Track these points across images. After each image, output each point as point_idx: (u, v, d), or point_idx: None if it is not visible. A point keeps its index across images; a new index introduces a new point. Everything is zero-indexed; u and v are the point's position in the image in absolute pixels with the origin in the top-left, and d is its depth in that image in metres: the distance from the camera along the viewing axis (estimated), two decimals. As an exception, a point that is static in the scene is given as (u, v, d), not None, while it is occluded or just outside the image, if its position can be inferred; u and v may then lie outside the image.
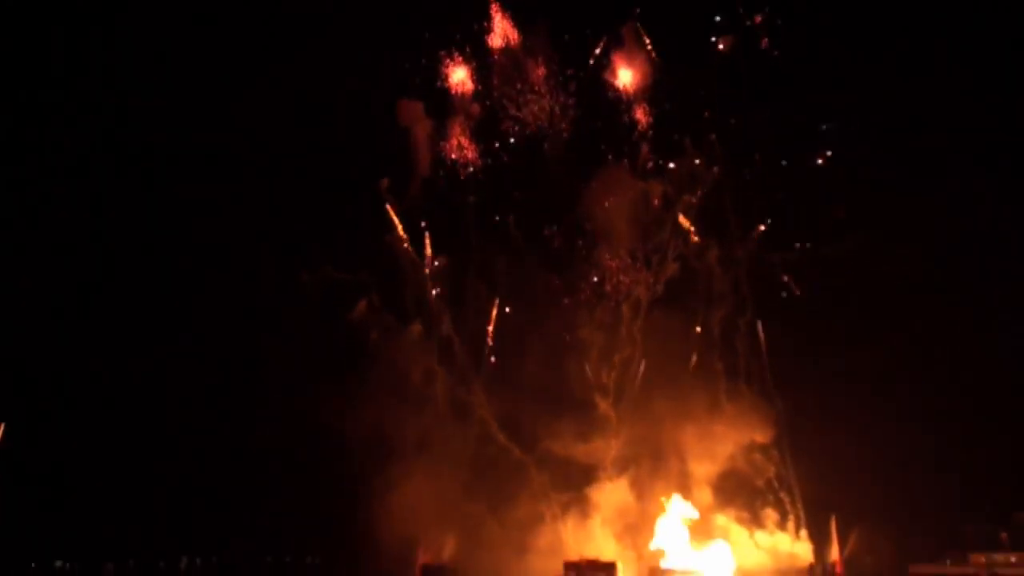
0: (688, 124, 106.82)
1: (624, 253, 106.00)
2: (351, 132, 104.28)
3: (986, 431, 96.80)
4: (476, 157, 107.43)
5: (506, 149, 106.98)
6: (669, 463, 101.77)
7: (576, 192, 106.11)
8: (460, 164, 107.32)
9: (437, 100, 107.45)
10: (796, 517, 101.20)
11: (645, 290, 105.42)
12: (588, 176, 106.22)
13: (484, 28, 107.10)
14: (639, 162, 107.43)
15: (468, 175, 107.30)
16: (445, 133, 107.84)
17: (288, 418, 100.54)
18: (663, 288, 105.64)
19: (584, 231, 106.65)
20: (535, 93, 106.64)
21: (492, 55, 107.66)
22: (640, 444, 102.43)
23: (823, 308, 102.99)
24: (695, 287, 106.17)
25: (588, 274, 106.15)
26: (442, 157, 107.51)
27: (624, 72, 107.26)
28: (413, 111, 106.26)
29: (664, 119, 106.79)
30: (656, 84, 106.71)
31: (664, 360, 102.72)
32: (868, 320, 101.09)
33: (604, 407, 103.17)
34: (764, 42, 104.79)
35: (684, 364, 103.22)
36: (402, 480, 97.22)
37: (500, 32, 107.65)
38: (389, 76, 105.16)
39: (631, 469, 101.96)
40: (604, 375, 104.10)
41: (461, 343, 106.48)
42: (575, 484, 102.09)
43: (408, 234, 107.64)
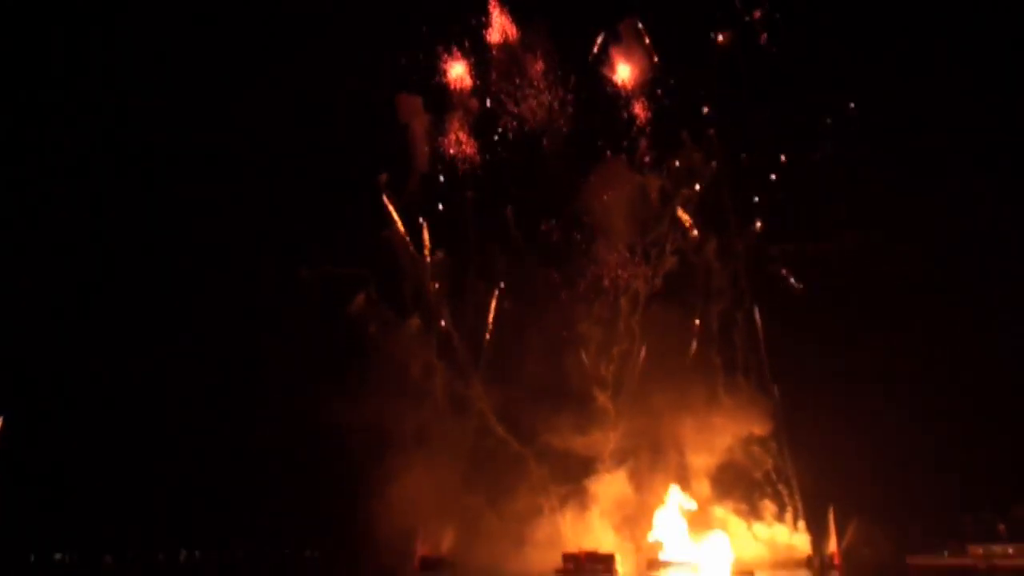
0: (687, 119, 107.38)
1: (623, 247, 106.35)
2: (350, 128, 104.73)
3: (984, 424, 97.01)
4: (475, 152, 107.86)
5: (505, 144, 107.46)
6: (668, 455, 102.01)
7: (575, 187, 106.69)
8: (459, 159, 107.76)
9: (436, 96, 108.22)
10: (794, 509, 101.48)
11: (643, 284, 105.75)
12: (587, 171, 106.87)
13: (483, 23, 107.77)
14: (637, 157, 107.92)
15: (466, 170, 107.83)
16: (444, 128, 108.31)
17: (287, 413, 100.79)
18: (661, 282, 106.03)
19: (583, 225, 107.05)
20: (534, 88, 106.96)
21: (491, 51, 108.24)
22: (638, 437, 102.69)
23: (821, 302, 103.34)
24: (693, 281, 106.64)
25: (587, 268, 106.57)
26: (441, 152, 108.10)
27: (623, 67, 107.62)
28: (412, 106, 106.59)
29: (662, 114, 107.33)
30: (654, 79, 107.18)
31: (663, 353, 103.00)
32: (866, 314, 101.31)
33: (602, 400, 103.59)
34: (763, 38, 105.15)
35: (682, 357, 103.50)
36: (401, 473, 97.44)
37: (499, 28, 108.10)
38: (388, 72, 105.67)
39: (629, 461, 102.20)
40: (603, 368, 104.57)
41: (460, 337, 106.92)
42: (574, 476, 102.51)
43: (407, 229, 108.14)
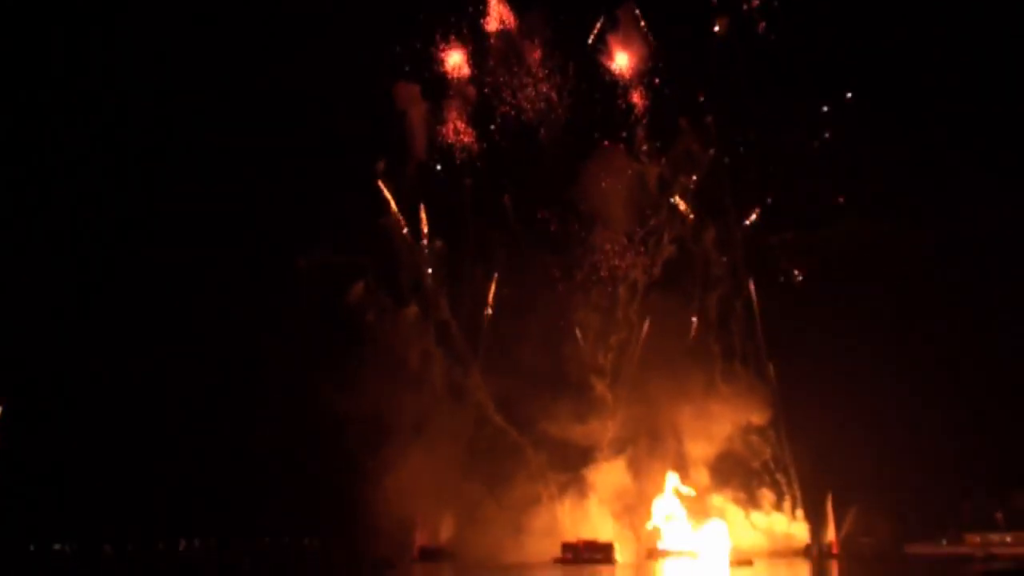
0: (685, 107, 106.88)
1: (621, 235, 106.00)
2: (347, 116, 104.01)
3: (981, 412, 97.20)
4: (472, 141, 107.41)
5: (502, 132, 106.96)
6: (666, 444, 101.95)
7: (573, 175, 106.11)
8: (456, 148, 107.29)
9: (433, 84, 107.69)
10: (792, 498, 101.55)
11: (641, 272, 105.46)
12: (584, 159, 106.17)
13: (481, 12, 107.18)
14: (635, 145, 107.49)
15: (464, 158, 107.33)
16: (442, 117, 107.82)
17: (285, 402, 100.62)
18: (660, 270, 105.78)
19: (580, 214, 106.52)
20: (531, 77, 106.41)
21: (489, 39, 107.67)
22: (637, 425, 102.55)
23: (819, 291, 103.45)
24: (691, 269, 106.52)
25: (585, 257, 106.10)
26: (438, 141, 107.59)
27: (620, 55, 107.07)
28: (409, 94, 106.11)
29: (660, 102, 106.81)
30: (652, 67, 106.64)
31: (661, 342, 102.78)
32: (864, 303, 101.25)
33: (601, 388, 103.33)
34: (761, 26, 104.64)
35: (681, 346, 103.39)
36: (400, 462, 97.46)
37: (496, 16, 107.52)
38: (385, 60, 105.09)
39: (628, 450, 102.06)
40: (601, 357, 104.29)
41: (458, 326, 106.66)
42: (572, 465, 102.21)
43: (404, 217, 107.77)
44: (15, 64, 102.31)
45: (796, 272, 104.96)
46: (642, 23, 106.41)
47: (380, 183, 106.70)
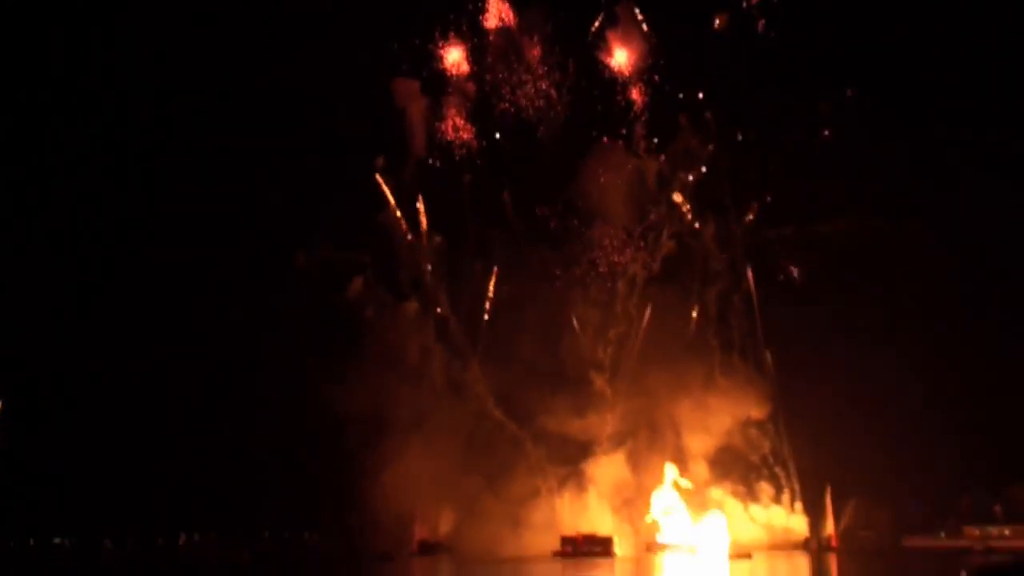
0: (684, 103, 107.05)
1: (620, 231, 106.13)
2: (346, 112, 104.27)
3: (980, 406, 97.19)
4: (472, 137, 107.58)
5: (502, 129, 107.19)
6: (665, 438, 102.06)
7: (572, 172, 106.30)
8: (456, 144, 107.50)
9: (432, 81, 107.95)
10: (791, 491, 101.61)
11: (641, 267, 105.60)
12: (584, 155, 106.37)
13: (480, 8, 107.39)
14: (635, 141, 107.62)
15: (463, 155, 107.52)
16: (441, 114, 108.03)
17: (285, 398, 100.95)
18: (659, 265, 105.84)
19: (580, 210, 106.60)
20: (530, 73, 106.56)
21: (488, 36, 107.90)
22: (636, 419, 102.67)
23: (818, 285, 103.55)
24: (691, 264, 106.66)
25: (584, 252, 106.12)
26: (438, 137, 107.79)
27: (619, 52, 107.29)
28: (409, 90, 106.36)
29: (660, 98, 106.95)
30: (652, 63, 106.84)
31: (660, 336, 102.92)
32: (863, 297, 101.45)
33: (600, 383, 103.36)
34: (760, 24, 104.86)
35: (680, 340, 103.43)
36: (399, 457, 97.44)
37: (495, 12, 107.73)
38: (384, 57, 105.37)
39: (627, 444, 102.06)
40: (600, 351, 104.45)
41: (457, 321, 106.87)
42: (571, 459, 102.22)
43: (404, 213, 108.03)
44: (15, 64, 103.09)
45: (794, 268, 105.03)
46: (641, 19, 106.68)
47: (379, 179, 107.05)
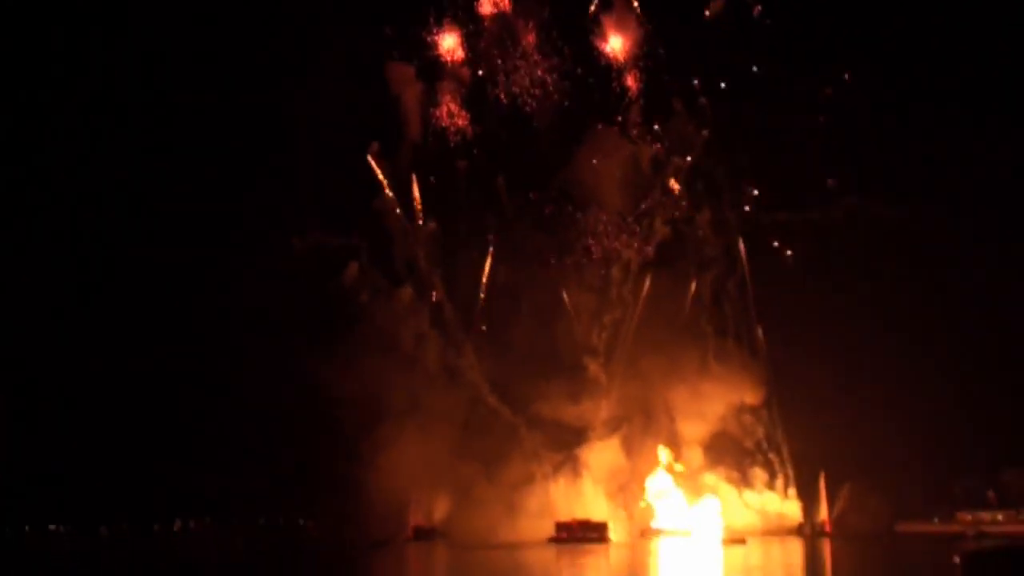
0: (679, 89, 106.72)
1: (615, 216, 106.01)
2: (341, 97, 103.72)
3: (973, 392, 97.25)
4: (466, 124, 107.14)
5: (497, 115, 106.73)
6: (659, 424, 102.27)
7: (567, 157, 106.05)
8: (450, 130, 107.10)
9: (427, 67, 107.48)
10: (785, 476, 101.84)
11: (635, 253, 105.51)
12: (579, 141, 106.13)
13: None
14: (629, 127, 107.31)
15: (458, 141, 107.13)
16: (436, 100, 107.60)
17: (279, 383, 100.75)
18: (653, 250, 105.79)
19: (574, 195, 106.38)
20: (525, 59, 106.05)
21: (483, 22, 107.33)
22: (630, 405, 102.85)
23: (813, 271, 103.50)
24: (685, 249, 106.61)
25: (579, 238, 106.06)
26: (432, 123, 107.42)
27: (615, 38, 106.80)
28: (403, 75, 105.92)
29: (655, 84, 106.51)
30: (647, 49, 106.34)
31: (654, 322, 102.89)
32: (857, 282, 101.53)
33: (594, 368, 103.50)
34: (756, 10, 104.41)
35: (674, 325, 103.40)
36: (394, 442, 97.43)
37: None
38: (379, 42, 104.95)
39: (622, 429, 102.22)
40: (594, 337, 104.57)
41: (452, 306, 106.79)
42: (566, 445, 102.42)
43: (398, 199, 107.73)
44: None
45: (789, 254, 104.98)
46: (636, 5, 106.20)
47: (374, 165, 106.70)
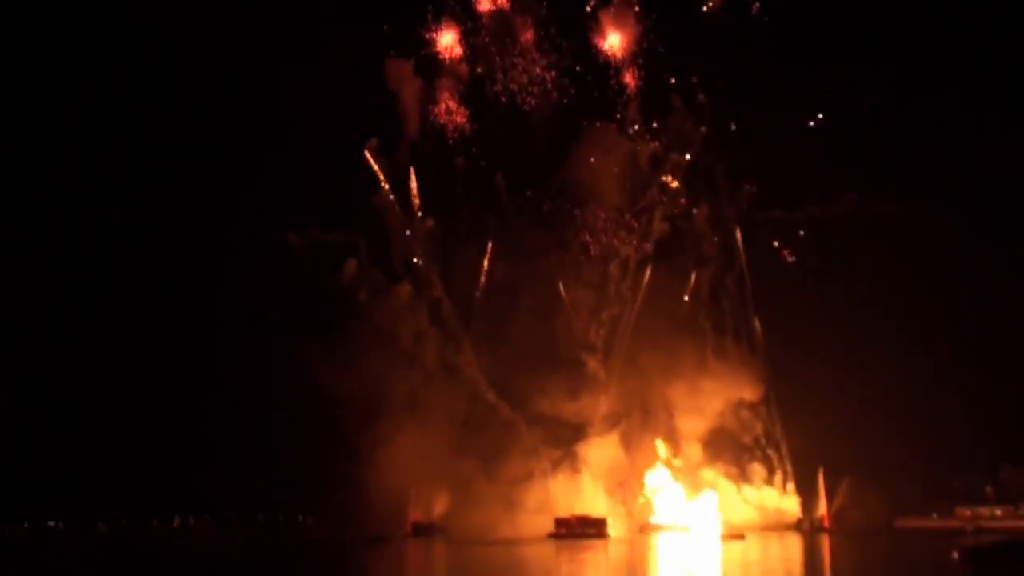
0: (677, 86, 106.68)
1: (613, 213, 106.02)
2: (339, 94, 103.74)
3: (973, 388, 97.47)
4: (465, 121, 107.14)
5: (495, 112, 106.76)
6: (658, 419, 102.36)
7: (565, 154, 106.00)
8: (449, 127, 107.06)
9: (425, 64, 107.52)
10: (783, 472, 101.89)
11: (634, 249, 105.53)
12: (577, 138, 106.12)
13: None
14: (627, 123, 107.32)
15: (456, 138, 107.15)
16: (434, 97, 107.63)
17: (279, 380, 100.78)
18: (652, 247, 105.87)
19: (573, 192, 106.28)
20: (523, 56, 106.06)
21: (481, 19, 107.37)
22: (629, 401, 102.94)
23: (811, 267, 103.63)
24: (683, 246, 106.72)
25: (577, 235, 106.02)
26: (430, 120, 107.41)
27: (613, 35, 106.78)
28: (401, 72, 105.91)
29: (653, 81, 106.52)
30: (645, 46, 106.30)
31: (653, 318, 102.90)
32: (856, 279, 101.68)
33: (593, 364, 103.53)
34: (754, 8, 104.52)
35: (673, 322, 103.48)
36: (393, 439, 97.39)
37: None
38: (377, 39, 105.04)
39: (620, 425, 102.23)
40: (593, 333, 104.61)
41: (450, 303, 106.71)
42: (565, 441, 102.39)
43: (396, 195, 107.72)
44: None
45: (787, 250, 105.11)
46: (634, 2, 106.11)
47: (372, 161, 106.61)
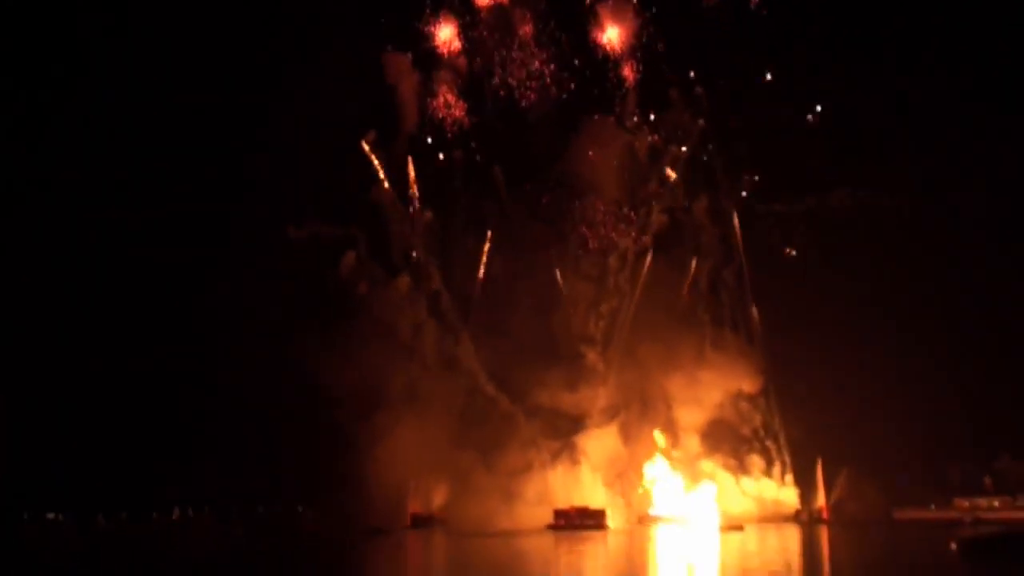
0: (676, 79, 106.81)
1: (612, 205, 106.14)
2: (338, 87, 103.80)
3: (971, 379, 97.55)
4: (463, 114, 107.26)
5: (493, 105, 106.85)
6: (657, 411, 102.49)
7: (564, 147, 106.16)
8: (447, 121, 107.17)
9: (424, 57, 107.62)
10: (782, 464, 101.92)
11: (632, 242, 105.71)
12: (575, 131, 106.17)
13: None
14: (626, 116, 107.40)
15: (455, 131, 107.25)
16: (433, 90, 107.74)
17: (278, 372, 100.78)
18: (651, 239, 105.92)
19: (571, 185, 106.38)
20: (522, 50, 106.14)
21: (480, 13, 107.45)
22: (628, 392, 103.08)
23: (810, 259, 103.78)
24: (682, 238, 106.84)
25: (576, 227, 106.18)
26: (429, 113, 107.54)
27: (612, 28, 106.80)
28: (400, 65, 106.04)
29: (652, 73, 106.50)
30: (643, 39, 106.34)
31: (652, 310, 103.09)
32: (854, 271, 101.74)
33: (592, 356, 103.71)
34: (753, 1, 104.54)
35: (671, 314, 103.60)
36: (392, 431, 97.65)
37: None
38: (376, 32, 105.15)
39: (619, 417, 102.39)
40: (592, 325, 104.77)
41: (449, 295, 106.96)
42: (564, 432, 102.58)
43: (395, 188, 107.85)
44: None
45: (786, 246, 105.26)
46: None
47: (371, 154, 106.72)
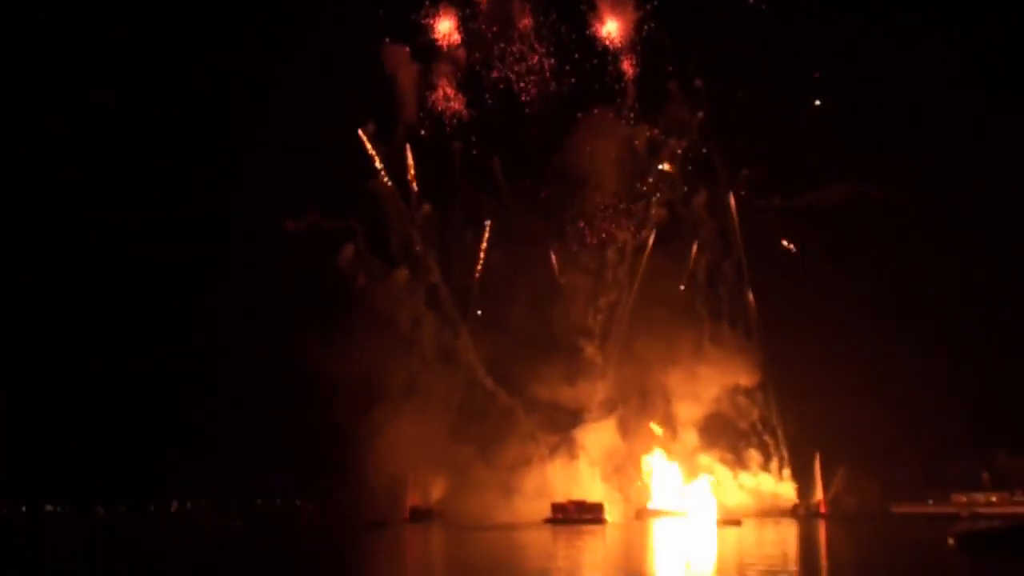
0: (675, 71, 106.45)
1: (611, 199, 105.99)
2: (337, 78, 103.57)
3: (969, 375, 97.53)
4: (462, 107, 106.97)
5: (492, 97, 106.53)
6: (655, 405, 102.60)
7: (563, 140, 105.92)
8: (446, 113, 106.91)
9: (423, 49, 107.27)
10: (780, 458, 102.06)
11: (631, 235, 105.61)
12: (574, 124, 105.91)
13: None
14: (625, 109, 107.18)
15: (454, 124, 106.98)
16: (431, 83, 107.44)
17: (276, 365, 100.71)
18: (649, 233, 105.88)
19: (570, 178, 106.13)
20: (521, 42, 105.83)
21: (479, 5, 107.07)
22: (626, 386, 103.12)
23: (808, 254, 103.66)
24: (681, 232, 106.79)
25: (574, 220, 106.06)
26: (428, 106, 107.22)
27: (611, 21, 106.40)
28: (399, 56, 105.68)
29: (650, 66, 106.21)
30: (643, 32, 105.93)
31: (650, 304, 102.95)
32: (852, 265, 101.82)
33: (590, 350, 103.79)
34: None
35: (670, 308, 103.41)
36: (391, 424, 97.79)
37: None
38: (375, 24, 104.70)
39: (617, 411, 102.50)
40: (590, 319, 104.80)
41: (448, 288, 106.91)
42: (562, 426, 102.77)
43: (394, 181, 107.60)
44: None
45: (784, 237, 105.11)
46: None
47: (369, 146, 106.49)
